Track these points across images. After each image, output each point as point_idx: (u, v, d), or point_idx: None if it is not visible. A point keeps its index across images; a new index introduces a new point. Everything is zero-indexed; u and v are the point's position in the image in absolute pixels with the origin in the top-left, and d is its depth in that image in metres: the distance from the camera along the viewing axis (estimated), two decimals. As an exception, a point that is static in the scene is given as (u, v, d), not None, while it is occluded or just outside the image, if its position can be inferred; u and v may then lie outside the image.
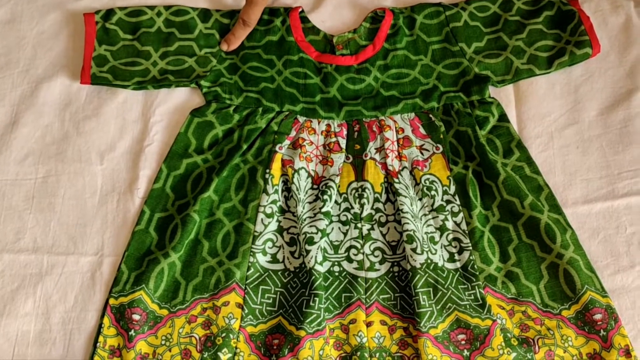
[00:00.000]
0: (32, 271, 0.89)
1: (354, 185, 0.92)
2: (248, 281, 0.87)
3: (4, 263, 0.89)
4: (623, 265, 0.87)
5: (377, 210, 0.90)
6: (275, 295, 0.86)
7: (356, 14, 1.04)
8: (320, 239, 0.87)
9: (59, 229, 0.91)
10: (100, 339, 0.84)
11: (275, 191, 0.91)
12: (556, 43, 0.98)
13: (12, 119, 0.98)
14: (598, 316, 0.82)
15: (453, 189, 0.91)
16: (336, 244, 0.89)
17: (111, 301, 0.86)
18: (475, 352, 0.82)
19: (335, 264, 0.88)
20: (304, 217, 0.89)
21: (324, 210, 0.89)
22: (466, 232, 0.88)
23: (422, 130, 0.95)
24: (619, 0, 1.02)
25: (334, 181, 0.91)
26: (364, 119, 0.96)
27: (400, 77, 0.98)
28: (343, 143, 0.94)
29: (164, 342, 0.84)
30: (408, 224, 0.87)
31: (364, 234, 0.89)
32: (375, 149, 0.94)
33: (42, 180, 0.94)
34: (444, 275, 0.85)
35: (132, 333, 0.83)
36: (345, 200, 0.91)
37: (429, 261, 0.85)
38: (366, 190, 0.91)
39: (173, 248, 0.87)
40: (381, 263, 0.87)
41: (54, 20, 1.04)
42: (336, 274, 0.87)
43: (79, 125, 0.97)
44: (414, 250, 0.85)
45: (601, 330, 0.82)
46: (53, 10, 1.05)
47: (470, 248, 0.87)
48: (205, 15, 1.01)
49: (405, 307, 0.85)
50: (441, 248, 0.87)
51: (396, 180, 0.91)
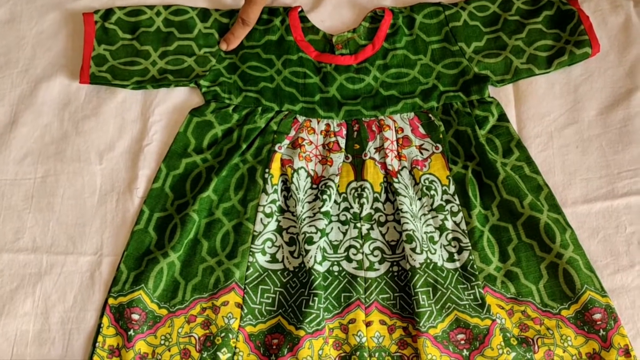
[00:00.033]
0: (31, 271, 0.89)
1: (354, 184, 0.92)
2: (247, 281, 0.87)
3: (3, 263, 0.89)
4: (622, 265, 0.87)
5: (377, 209, 0.90)
6: (274, 295, 0.86)
7: (355, 14, 1.04)
8: (320, 238, 0.87)
9: (58, 229, 0.91)
10: (100, 338, 0.84)
11: (275, 191, 0.91)
12: (556, 43, 0.98)
13: (11, 119, 0.98)
14: (597, 316, 0.82)
15: (452, 188, 0.90)
16: (335, 243, 0.89)
17: (110, 301, 0.86)
18: (475, 352, 0.82)
19: (335, 263, 0.88)
20: (304, 217, 0.89)
21: (323, 210, 0.88)
22: (465, 232, 0.88)
23: (422, 129, 0.95)
24: (619, -1, 1.03)
25: (333, 181, 0.91)
26: (363, 119, 0.96)
27: (400, 77, 0.98)
28: (342, 143, 0.94)
29: (163, 342, 0.84)
30: (407, 223, 0.87)
31: (363, 234, 0.89)
32: (374, 148, 0.93)
33: (41, 179, 0.94)
34: (444, 275, 0.85)
35: (132, 333, 0.83)
36: (345, 199, 0.91)
37: (428, 261, 0.85)
38: (365, 189, 0.91)
39: (172, 248, 0.87)
40: (380, 263, 0.87)
41: (53, 20, 1.04)
42: (335, 273, 0.87)
43: (78, 125, 0.97)
44: (413, 250, 0.85)
45: (600, 330, 0.82)
46: (52, 10, 1.05)
47: (470, 248, 0.87)
48: (204, 14, 1.01)
49: (405, 307, 0.85)
50: (440, 248, 0.87)
51: (395, 179, 0.91)
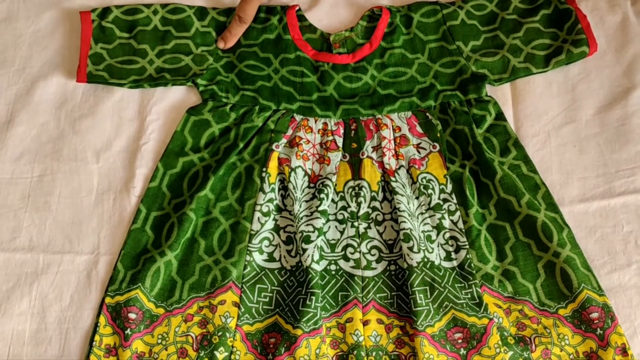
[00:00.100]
0: (28, 270, 0.88)
1: (351, 183, 0.92)
2: (244, 280, 0.86)
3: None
4: (620, 264, 0.87)
5: (374, 208, 0.90)
6: (271, 294, 0.86)
7: (353, 13, 1.04)
8: (317, 237, 0.87)
9: (54, 228, 0.91)
10: (96, 337, 0.84)
11: (272, 190, 0.91)
12: (553, 42, 0.98)
13: (8, 118, 0.97)
14: (595, 315, 0.82)
15: (450, 187, 0.90)
16: (333, 242, 0.89)
17: (107, 300, 0.85)
18: (472, 351, 0.82)
19: (332, 262, 0.87)
20: (301, 216, 0.88)
21: (320, 208, 0.88)
22: (463, 231, 0.88)
23: (419, 128, 0.95)
24: (616, -2, 1.03)
25: (330, 180, 0.91)
26: (360, 118, 0.96)
27: (397, 76, 0.98)
28: (340, 141, 0.94)
29: (160, 341, 0.84)
30: (405, 222, 0.87)
31: (360, 233, 0.89)
32: (372, 147, 0.93)
33: (38, 179, 0.94)
34: (441, 274, 0.85)
35: (128, 332, 0.83)
36: (342, 198, 0.91)
37: (425, 260, 0.85)
38: (363, 188, 0.91)
39: (169, 247, 0.87)
40: (378, 262, 0.87)
41: (50, 19, 1.04)
42: (333, 272, 0.87)
43: (75, 124, 0.97)
44: (410, 248, 0.85)
45: (598, 329, 0.82)
46: (49, 8, 1.05)
47: (467, 247, 0.87)
48: (201, 13, 1.01)
49: (402, 306, 0.85)
50: (438, 247, 0.87)
51: (393, 178, 0.91)
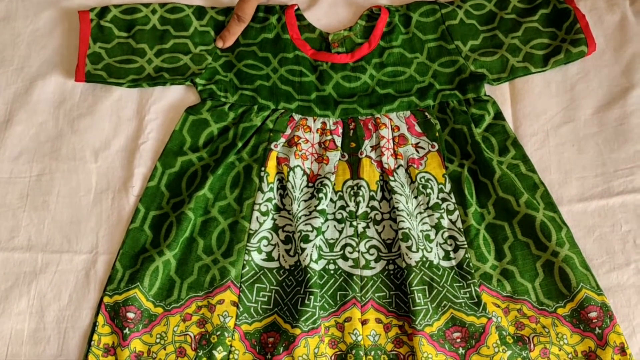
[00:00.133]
0: (26, 269, 0.88)
1: (350, 183, 0.92)
2: (243, 279, 0.86)
3: (-2, 261, 0.89)
4: (618, 263, 0.87)
5: (373, 208, 0.90)
6: (270, 294, 0.86)
7: (352, 12, 1.04)
8: (316, 237, 0.87)
9: (53, 227, 0.91)
10: (95, 337, 0.83)
11: (271, 189, 0.91)
12: (552, 41, 0.98)
13: (6, 117, 0.97)
14: (593, 314, 0.82)
15: (448, 187, 0.90)
16: (331, 242, 0.89)
17: (105, 299, 0.85)
18: (471, 350, 0.82)
19: (331, 262, 0.87)
20: (299, 215, 0.88)
21: (319, 208, 0.88)
22: (461, 230, 0.88)
23: (418, 128, 0.95)
24: (615, -2, 1.03)
25: (329, 179, 0.91)
26: (359, 117, 0.96)
27: (396, 75, 0.98)
28: (338, 141, 0.94)
29: (158, 341, 0.84)
30: (403, 222, 0.86)
31: (359, 232, 0.89)
32: (370, 147, 0.93)
33: (37, 178, 0.94)
34: (439, 273, 0.85)
35: (127, 331, 0.83)
36: (341, 198, 0.91)
37: (424, 259, 0.85)
38: (362, 188, 0.91)
39: (168, 246, 0.87)
40: (376, 261, 0.87)
41: (48, 18, 1.04)
42: (331, 272, 0.87)
43: (74, 123, 0.97)
44: (409, 248, 0.85)
45: (596, 328, 0.82)
46: (47, 7, 1.05)
47: (466, 246, 0.87)
48: (200, 12, 1.01)
49: (401, 305, 0.85)
50: (436, 246, 0.87)
51: (392, 178, 0.91)
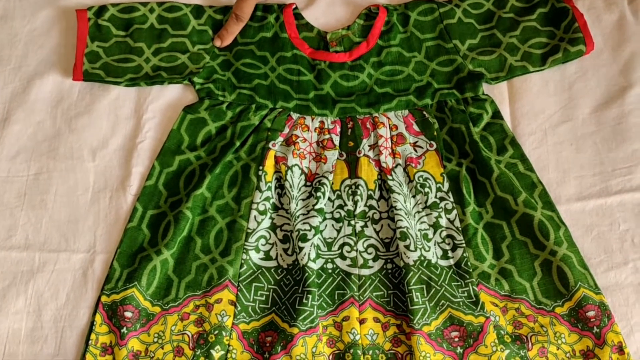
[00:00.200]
0: (24, 268, 0.88)
1: (348, 182, 0.91)
2: (241, 278, 0.86)
3: (-5, 260, 0.89)
4: (616, 262, 0.87)
5: (371, 207, 0.90)
6: (268, 293, 0.86)
7: (350, 11, 1.04)
8: (314, 236, 0.87)
9: (50, 226, 0.91)
10: (92, 336, 0.83)
11: (269, 188, 0.91)
12: (550, 40, 0.98)
13: (4, 116, 0.97)
14: (591, 313, 0.82)
15: (447, 186, 0.90)
16: (329, 241, 0.88)
17: (103, 298, 0.85)
18: (469, 349, 0.82)
19: (329, 261, 0.87)
20: (297, 214, 0.88)
21: (317, 207, 0.88)
22: (460, 229, 0.88)
23: (416, 127, 0.95)
24: (613, -3, 1.03)
25: (327, 178, 0.90)
26: (357, 116, 0.96)
27: (394, 74, 0.98)
28: (336, 140, 0.94)
29: (156, 340, 0.84)
30: (401, 221, 0.86)
31: (357, 231, 0.89)
32: (368, 146, 0.93)
33: (34, 177, 0.94)
34: (438, 273, 0.85)
35: (124, 330, 0.83)
36: (339, 197, 0.91)
37: (422, 258, 0.85)
38: (360, 187, 0.91)
39: (165, 245, 0.87)
40: (374, 260, 0.87)
41: (46, 17, 1.04)
42: (329, 271, 0.87)
43: (71, 122, 0.97)
44: (407, 247, 0.85)
45: (594, 327, 0.82)
46: (45, 6, 1.04)
47: (464, 245, 0.87)
48: (198, 11, 1.01)
49: (399, 304, 0.85)
50: (434, 245, 0.87)
51: (390, 177, 0.91)
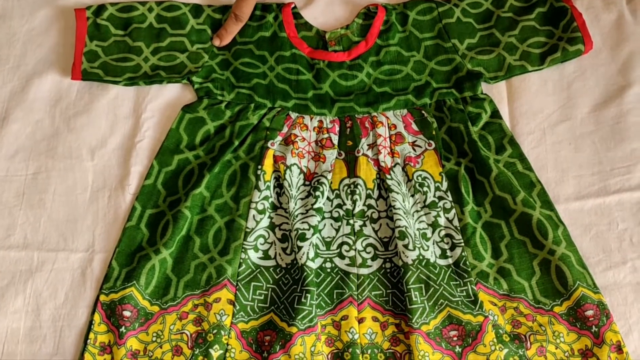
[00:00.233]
0: (22, 268, 0.88)
1: (346, 181, 0.92)
2: (239, 277, 0.86)
3: (-6, 260, 0.89)
4: (615, 262, 0.87)
5: (369, 206, 0.90)
6: (266, 292, 0.86)
7: (348, 10, 1.04)
8: (312, 235, 0.87)
9: (49, 226, 0.91)
10: (91, 335, 0.83)
11: (267, 187, 0.90)
12: (549, 40, 0.98)
13: (2, 115, 0.97)
14: (590, 312, 0.82)
15: (445, 185, 0.90)
16: (328, 240, 0.88)
17: (102, 298, 0.85)
18: (467, 349, 0.82)
19: (327, 260, 0.87)
20: (296, 214, 0.88)
21: (316, 206, 0.88)
22: (458, 229, 0.88)
23: (415, 126, 0.95)
24: (611, -3, 1.03)
25: (326, 177, 0.90)
26: (356, 115, 0.96)
27: (393, 74, 0.98)
28: (335, 139, 0.94)
29: (155, 339, 0.84)
30: (400, 220, 0.86)
31: (356, 231, 0.89)
32: (367, 145, 0.93)
33: (33, 176, 0.93)
34: (436, 272, 0.85)
35: (123, 330, 0.83)
36: (338, 196, 0.91)
37: (420, 257, 0.85)
38: (358, 186, 0.91)
39: (164, 244, 0.87)
40: (373, 259, 0.87)
41: (44, 16, 1.04)
42: (328, 270, 0.87)
43: (70, 122, 0.97)
44: (405, 246, 0.85)
45: (593, 327, 0.82)
46: (44, 6, 1.04)
47: (463, 244, 0.87)
48: (197, 10, 1.01)
49: (397, 304, 0.85)
50: (433, 244, 0.87)
51: (388, 176, 0.91)
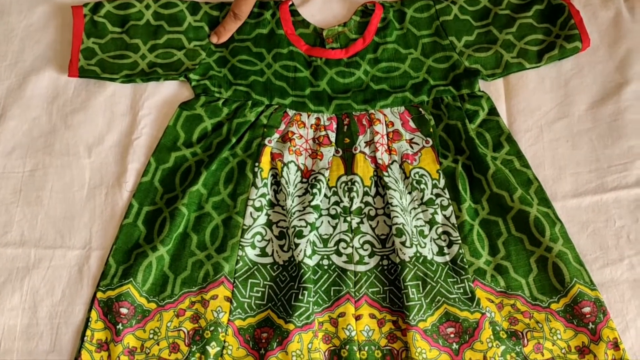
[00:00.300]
0: (19, 265, 0.88)
1: (344, 178, 0.91)
2: (237, 275, 0.86)
3: (-9, 257, 0.89)
4: (612, 259, 0.87)
5: (367, 203, 0.90)
6: (264, 289, 0.86)
7: (346, 8, 1.04)
8: (310, 232, 0.87)
9: (46, 223, 0.90)
10: (88, 332, 0.83)
11: (265, 185, 0.90)
12: (546, 37, 0.98)
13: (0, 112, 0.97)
14: (587, 309, 0.82)
15: (442, 182, 0.90)
16: (325, 237, 0.88)
17: (99, 295, 0.85)
18: (464, 345, 0.82)
19: (325, 257, 0.87)
20: (293, 211, 0.88)
21: (313, 203, 0.88)
22: (455, 226, 0.88)
23: (412, 123, 0.95)
24: (609, -6, 1.03)
25: (323, 175, 0.90)
26: (353, 113, 0.96)
27: (390, 71, 0.98)
28: (333, 137, 0.94)
29: (152, 336, 0.84)
30: (397, 217, 0.86)
31: (353, 228, 0.89)
32: (364, 142, 0.93)
33: (30, 173, 0.93)
34: (433, 269, 0.85)
35: (120, 327, 0.83)
36: (335, 193, 0.91)
37: (418, 254, 0.85)
38: (356, 183, 0.91)
39: (161, 241, 0.86)
40: (370, 256, 0.87)
41: (42, 13, 1.04)
42: (325, 267, 0.87)
43: (67, 119, 0.96)
44: (403, 243, 0.85)
45: (590, 324, 0.82)
46: (41, 2, 1.04)
47: (460, 241, 0.87)
48: (194, 7, 1.01)
49: (395, 301, 0.85)
50: (430, 241, 0.87)
51: (386, 173, 0.91)
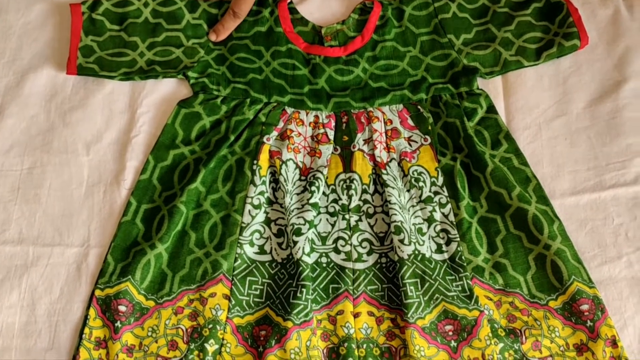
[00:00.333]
0: (18, 262, 0.88)
1: (342, 176, 0.91)
2: (235, 272, 0.86)
3: (-11, 254, 0.89)
4: (610, 257, 0.87)
5: (365, 201, 0.90)
6: (262, 287, 0.86)
7: (344, 6, 1.04)
8: (308, 230, 0.86)
9: (44, 220, 0.90)
10: (86, 330, 0.83)
11: (263, 182, 0.90)
12: (544, 35, 0.98)
13: (-2, 110, 0.97)
14: (585, 307, 0.83)
15: (441, 180, 0.90)
16: (324, 235, 0.88)
17: (97, 292, 0.85)
18: (463, 343, 0.82)
19: (323, 255, 0.87)
20: (292, 209, 0.88)
21: (311, 201, 0.88)
22: (454, 224, 0.88)
23: (411, 121, 0.95)
24: (608, -8, 1.03)
25: (321, 172, 0.90)
26: (352, 111, 0.96)
27: (389, 69, 0.98)
28: (331, 134, 0.94)
29: (150, 334, 0.83)
30: (396, 215, 0.86)
31: (351, 225, 0.89)
32: (363, 140, 0.93)
33: (28, 171, 0.93)
34: (432, 267, 0.85)
35: (118, 324, 0.83)
36: (333, 191, 0.91)
37: (416, 252, 0.85)
38: (354, 181, 0.91)
39: (160, 239, 0.86)
40: (369, 254, 0.87)
41: (40, 11, 1.04)
42: (324, 265, 0.87)
43: (65, 116, 0.96)
44: (401, 241, 0.85)
45: (588, 321, 0.82)
46: (39, 0, 1.04)
47: (458, 239, 0.87)
48: (192, 5, 1.01)
49: (393, 298, 0.85)
50: (429, 239, 0.87)
51: (384, 171, 0.91)
